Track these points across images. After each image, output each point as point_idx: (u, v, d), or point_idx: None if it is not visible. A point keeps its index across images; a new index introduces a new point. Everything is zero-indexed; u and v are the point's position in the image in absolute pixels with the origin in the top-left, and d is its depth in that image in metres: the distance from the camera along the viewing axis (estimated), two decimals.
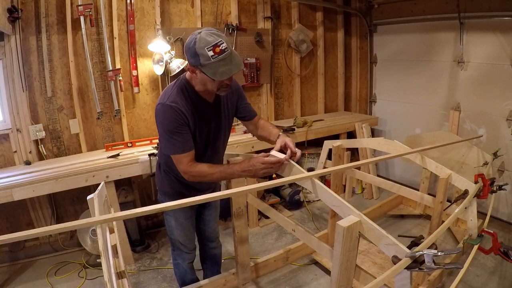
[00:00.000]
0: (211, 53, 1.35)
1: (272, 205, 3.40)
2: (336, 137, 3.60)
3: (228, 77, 1.42)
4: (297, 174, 1.49)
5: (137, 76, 2.97)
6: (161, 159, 1.81)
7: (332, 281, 1.24)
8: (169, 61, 2.93)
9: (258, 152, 3.02)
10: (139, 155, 2.62)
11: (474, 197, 1.78)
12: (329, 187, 1.37)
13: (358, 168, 2.82)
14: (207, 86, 1.50)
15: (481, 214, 2.27)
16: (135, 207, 2.97)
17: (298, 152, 1.54)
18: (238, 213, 2.01)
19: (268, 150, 1.92)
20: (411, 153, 2.06)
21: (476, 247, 1.74)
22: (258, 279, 2.42)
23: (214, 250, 2.17)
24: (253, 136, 1.94)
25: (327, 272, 2.50)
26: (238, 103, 1.77)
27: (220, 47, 1.35)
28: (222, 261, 2.63)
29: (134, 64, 2.94)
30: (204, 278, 2.21)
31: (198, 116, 1.57)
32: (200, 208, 1.99)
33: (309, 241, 1.61)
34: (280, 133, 1.69)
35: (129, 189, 2.97)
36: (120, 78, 2.84)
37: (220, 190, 2.10)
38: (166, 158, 1.68)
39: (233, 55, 1.41)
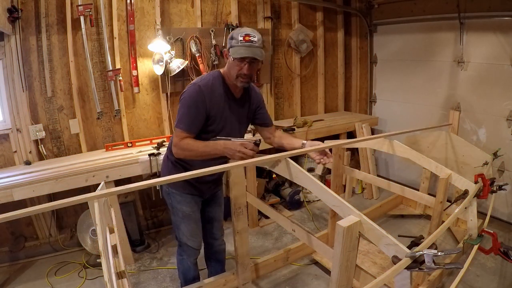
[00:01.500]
0: (240, 38, 1.57)
1: (272, 205, 3.40)
2: (336, 137, 3.60)
3: (242, 56, 1.57)
4: (295, 172, 1.49)
5: (137, 76, 2.97)
6: (168, 148, 1.86)
7: (332, 281, 1.24)
8: (169, 61, 2.93)
9: (258, 152, 3.02)
10: (139, 155, 2.62)
11: (474, 197, 1.78)
12: (329, 187, 1.37)
13: (358, 168, 2.83)
14: (231, 72, 1.65)
15: (481, 214, 2.27)
16: (135, 207, 2.97)
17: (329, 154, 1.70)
18: (238, 213, 2.00)
19: (267, 151, 1.91)
20: (379, 137, 2.14)
21: (476, 247, 1.74)
22: (258, 279, 2.42)
23: (218, 247, 2.19)
24: (270, 143, 2.00)
25: (327, 272, 2.50)
26: (258, 110, 1.89)
27: (250, 38, 1.58)
28: None
29: (134, 64, 2.94)
30: (208, 277, 2.22)
31: (223, 106, 1.70)
32: (205, 206, 2.02)
33: (309, 241, 1.61)
34: (304, 141, 1.78)
35: None
36: (120, 78, 2.84)
37: (222, 187, 2.12)
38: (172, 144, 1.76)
39: (257, 48, 1.60)
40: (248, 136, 1.71)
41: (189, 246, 1.98)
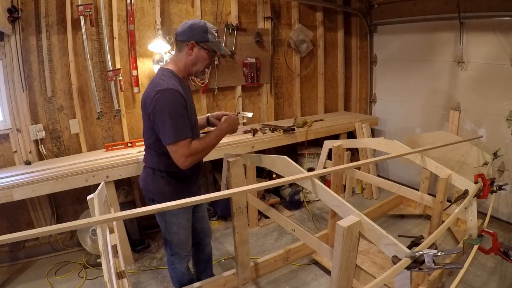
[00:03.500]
0: (215, 34, 1.66)
1: (272, 205, 3.40)
2: (336, 137, 3.60)
3: (228, 53, 1.77)
4: (295, 172, 1.49)
5: (137, 76, 2.97)
6: (154, 163, 1.74)
7: (332, 281, 1.24)
8: (169, 61, 2.93)
9: (258, 152, 3.02)
10: (139, 155, 2.62)
11: (474, 197, 1.78)
12: (329, 187, 1.37)
13: (358, 168, 2.82)
14: (198, 65, 1.67)
15: (481, 214, 2.27)
16: (135, 207, 2.97)
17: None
18: (238, 213, 2.01)
19: (266, 151, 1.90)
20: (412, 153, 2.06)
21: (476, 247, 1.74)
22: (258, 279, 2.42)
23: (208, 246, 2.16)
24: None
25: (327, 272, 2.50)
26: None
27: (217, 34, 1.69)
28: (222, 260, 2.64)
29: (134, 64, 2.94)
30: (203, 279, 2.21)
31: (189, 99, 1.69)
32: (194, 207, 1.96)
33: (309, 241, 1.61)
34: (208, 114, 1.99)
35: (129, 189, 2.97)
36: (120, 78, 2.84)
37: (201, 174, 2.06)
38: (161, 158, 1.67)
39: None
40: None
41: (181, 254, 1.93)
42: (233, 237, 2.06)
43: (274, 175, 3.59)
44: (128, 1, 2.80)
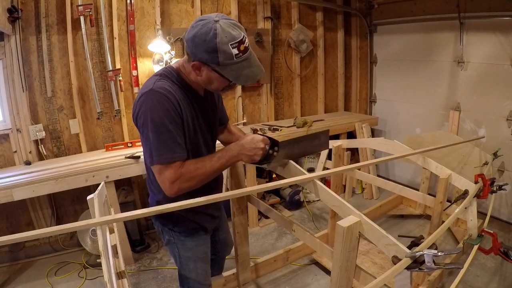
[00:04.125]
0: (235, 51, 1.12)
1: (272, 205, 3.40)
2: (336, 137, 3.60)
3: (253, 82, 1.26)
4: (298, 175, 1.49)
5: (137, 76, 2.97)
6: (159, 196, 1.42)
7: (332, 281, 1.24)
8: (169, 61, 2.93)
9: None
10: (139, 154, 2.62)
11: (474, 197, 1.78)
12: (329, 187, 1.37)
13: (358, 168, 2.83)
14: (211, 86, 1.25)
15: (481, 214, 2.27)
16: (135, 207, 2.97)
17: None
18: (238, 213, 2.00)
19: None
20: (414, 154, 2.06)
21: (476, 247, 1.74)
22: (258, 279, 2.42)
23: (225, 257, 2.02)
24: (227, 141, 1.65)
25: (327, 272, 2.50)
26: (219, 103, 1.53)
27: (244, 44, 1.14)
28: None
29: (134, 64, 2.94)
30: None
31: (194, 109, 1.31)
32: (213, 232, 1.71)
33: (309, 241, 1.61)
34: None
35: (129, 189, 2.97)
36: (120, 78, 2.84)
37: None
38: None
39: (253, 54, 1.20)
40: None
41: None
42: (233, 237, 2.06)
43: (274, 175, 3.60)
44: (128, 1, 2.80)
